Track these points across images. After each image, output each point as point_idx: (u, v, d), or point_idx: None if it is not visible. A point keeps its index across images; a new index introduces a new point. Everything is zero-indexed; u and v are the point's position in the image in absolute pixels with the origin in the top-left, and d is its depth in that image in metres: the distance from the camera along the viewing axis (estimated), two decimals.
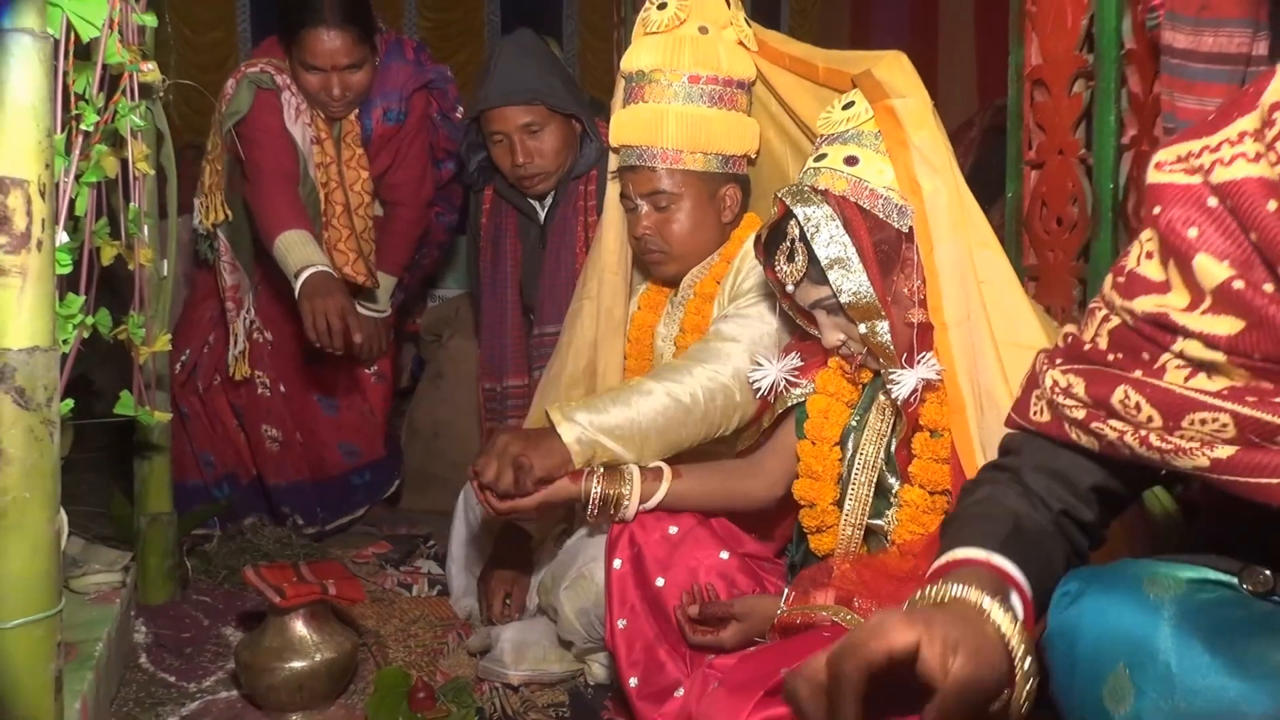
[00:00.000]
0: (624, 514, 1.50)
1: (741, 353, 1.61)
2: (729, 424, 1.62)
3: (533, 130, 2.10)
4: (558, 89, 2.12)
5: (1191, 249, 0.80)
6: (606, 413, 1.54)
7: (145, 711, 1.62)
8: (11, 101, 0.90)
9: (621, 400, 1.56)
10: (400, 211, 2.57)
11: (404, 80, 2.42)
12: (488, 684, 1.71)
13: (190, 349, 2.46)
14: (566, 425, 1.52)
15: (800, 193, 1.43)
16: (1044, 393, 0.95)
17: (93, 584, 1.75)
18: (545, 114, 2.10)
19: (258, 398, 2.46)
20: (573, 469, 1.51)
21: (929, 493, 1.44)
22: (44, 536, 0.97)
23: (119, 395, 1.65)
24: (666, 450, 1.57)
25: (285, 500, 2.48)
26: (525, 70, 2.10)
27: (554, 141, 2.12)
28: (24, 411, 0.94)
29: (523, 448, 1.50)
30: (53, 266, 0.96)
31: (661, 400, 1.56)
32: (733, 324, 1.65)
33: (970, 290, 1.39)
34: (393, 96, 2.41)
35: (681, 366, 1.61)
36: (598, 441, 1.52)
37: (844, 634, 1.29)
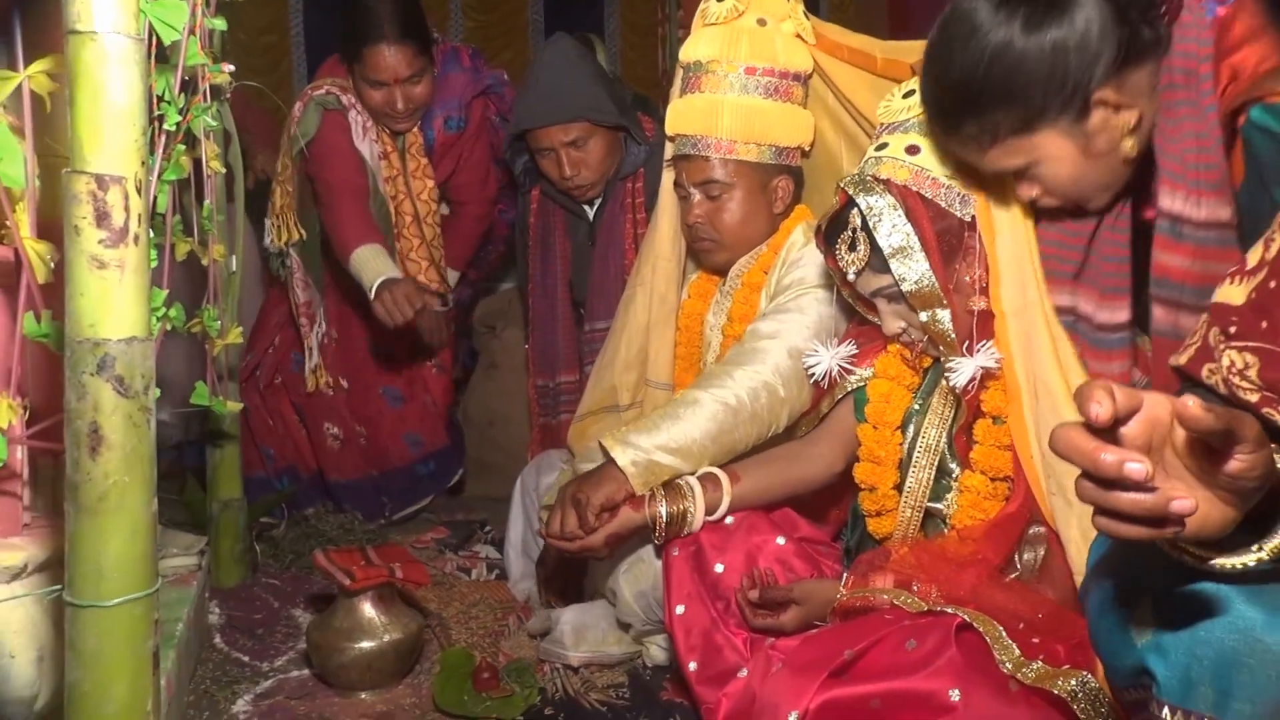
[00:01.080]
0: (691, 527, 1.51)
1: (780, 349, 1.63)
2: (779, 421, 1.64)
3: (577, 144, 2.11)
4: (601, 101, 2.10)
5: None
6: (658, 429, 1.55)
7: (222, 689, 1.68)
8: (111, 101, 0.94)
9: (670, 415, 1.57)
10: (466, 210, 2.63)
11: (462, 88, 2.47)
12: (549, 665, 1.75)
13: (256, 350, 2.55)
14: (620, 449, 1.53)
15: (863, 182, 1.44)
16: (1218, 368, 0.93)
17: (170, 567, 1.82)
18: (589, 128, 2.11)
19: (320, 396, 2.53)
20: (631, 493, 1.52)
21: (990, 479, 1.45)
22: (143, 519, 1.02)
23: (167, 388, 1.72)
24: (723, 456, 1.59)
25: (346, 497, 2.54)
26: (567, 85, 2.09)
27: (599, 152, 2.14)
28: (123, 399, 0.99)
29: (577, 486, 1.54)
30: (148, 260, 1.00)
31: (709, 407, 1.57)
32: (770, 322, 1.67)
33: (1028, 279, 1.39)
34: (452, 105, 2.47)
35: (722, 372, 1.63)
36: (654, 461, 1.53)
37: (903, 616, 1.32)
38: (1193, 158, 1.18)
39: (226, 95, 1.81)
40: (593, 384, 1.98)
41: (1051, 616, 1.33)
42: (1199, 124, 1.17)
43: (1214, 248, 1.18)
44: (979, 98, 1.22)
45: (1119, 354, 1.35)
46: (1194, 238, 1.19)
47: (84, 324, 0.97)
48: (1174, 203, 1.20)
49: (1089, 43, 1.17)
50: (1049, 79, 1.18)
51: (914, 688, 1.25)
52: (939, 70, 1.27)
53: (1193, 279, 1.20)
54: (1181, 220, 1.20)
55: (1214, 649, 0.82)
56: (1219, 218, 1.18)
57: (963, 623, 1.29)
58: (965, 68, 1.22)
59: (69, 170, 0.96)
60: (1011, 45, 1.19)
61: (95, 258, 0.96)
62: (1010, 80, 1.19)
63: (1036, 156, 1.25)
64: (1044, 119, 1.21)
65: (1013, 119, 1.22)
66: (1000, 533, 1.43)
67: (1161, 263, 1.22)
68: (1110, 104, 1.20)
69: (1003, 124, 1.22)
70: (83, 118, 0.95)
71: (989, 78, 1.20)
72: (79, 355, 0.97)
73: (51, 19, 1.13)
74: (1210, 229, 1.19)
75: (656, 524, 1.51)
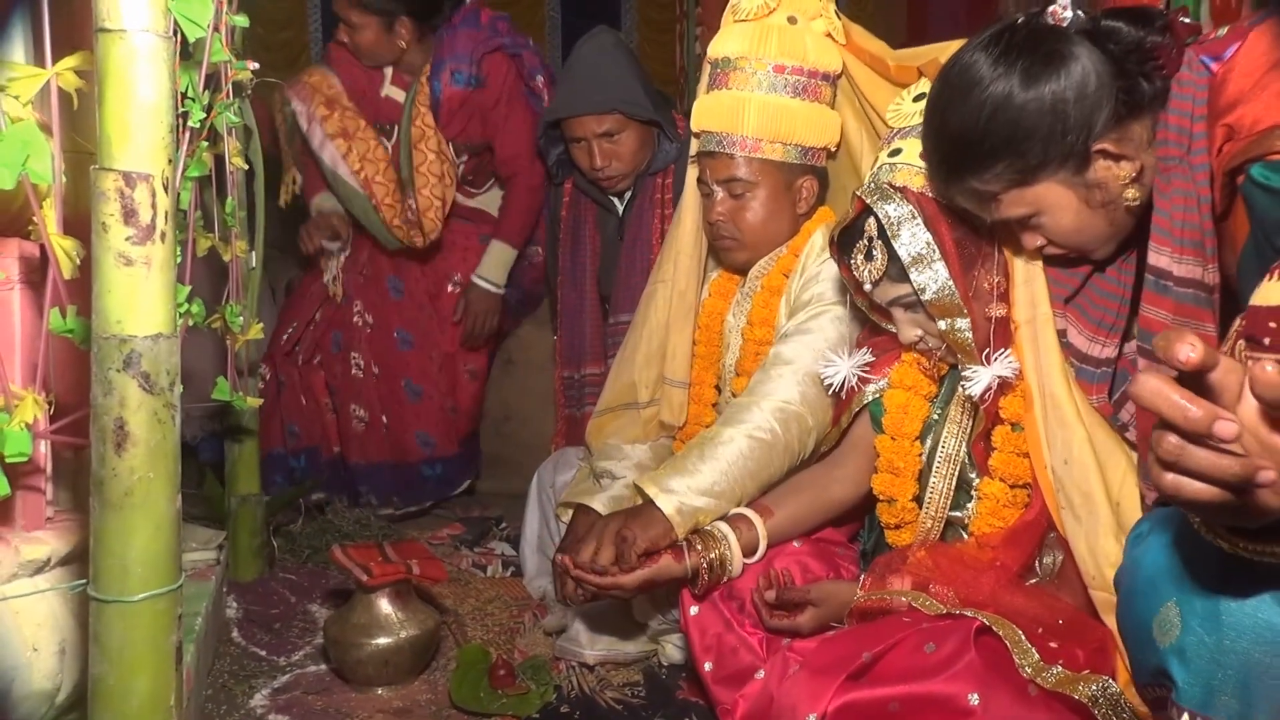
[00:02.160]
0: (731, 574, 1.48)
1: (804, 376, 1.62)
2: (807, 450, 1.63)
3: (610, 135, 2.15)
4: (635, 94, 2.14)
5: None
6: (698, 473, 1.52)
7: (240, 683, 1.69)
8: (139, 99, 0.95)
9: (708, 456, 1.54)
10: (517, 182, 2.59)
11: (473, 45, 2.51)
12: (564, 662, 1.75)
13: (297, 323, 2.61)
14: (665, 497, 1.49)
15: (879, 190, 1.43)
16: None
17: (189, 561, 1.83)
18: (622, 120, 2.14)
19: (351, 378, 2.59)
20: (674, 540, 1.48)
21: (1010, 486, 1.44)
22: (167, 515, 1.02)
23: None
24: (758, 492, 1.57)
25: (363, 480, 2.56)
26: (603, 77, 2.13)
27: (631, 144, 2.17)
28: (149, 396, 0.99)
29: (624, 521, 1.48)
30: (173, 257, 1.01)
31: (744, 444, 1.55)
32: (791, 345, 1.65)
33: (1036, 289, 1.38)
34: (462, 59, 2.50)
35: (749, 404, 1.61)
36: (697, 506, 1.50)
37: (922, 618, 1.32)
38: (1179, 215, 1.19)
39: (248, 91, 1.81)
40: (612, 380, 1.98)
41: (1071, 622, 1.32)
42: (1187, 183, 1.18)
43: (1190, 305, 1.20)
44: (980, 150, 1.23)
45: (1098, 387, 1.36)
46: (1175, 294, 1.21)
47: (111, 320, 0.97)
48: (1160, 259, 1.21)
49: (1087, 94, 1.18)
50: (1050, 131, 1.19)
51: (933, 691, 1.25)
52: (940, 123, 1.28)
53: None
54: (1166, 275, 1.21)
55: (1239, 659, 0.82)
56: (1194, 276, 1.19)
57: (982, 626, 1.28)
58: (966, 121, 1.23)
59: (97, 167, 0.96)
60: (1011, 98, 1.20)
61: (122, 254, 0.97)
62: (1011, 133, 1.21)
63: (1039, 208, 1.26)
64: (1045, 170, 1.22)
65: (1014, 171, 1.23)
66: (1019, 539, 1.42)
67: (1147, 316, 1.24)
68: (1111, 155, 1.21)
69: (1004, 176, 1.24)
70: (111, 115, 0.96)
71: (989, 130, 1.22)
72: (106, 351, 0.98)
73: (80, 16, 1.14)
74: (1188, 286, 1.20)
75: (699, 576, 1.46)
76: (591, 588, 1.47)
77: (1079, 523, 1.33)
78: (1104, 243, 1.31)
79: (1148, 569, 0.93)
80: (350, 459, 2.58)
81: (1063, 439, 1.34)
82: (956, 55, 1.28)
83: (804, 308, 1.70)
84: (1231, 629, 0.82)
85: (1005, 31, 1.24)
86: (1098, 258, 1.34)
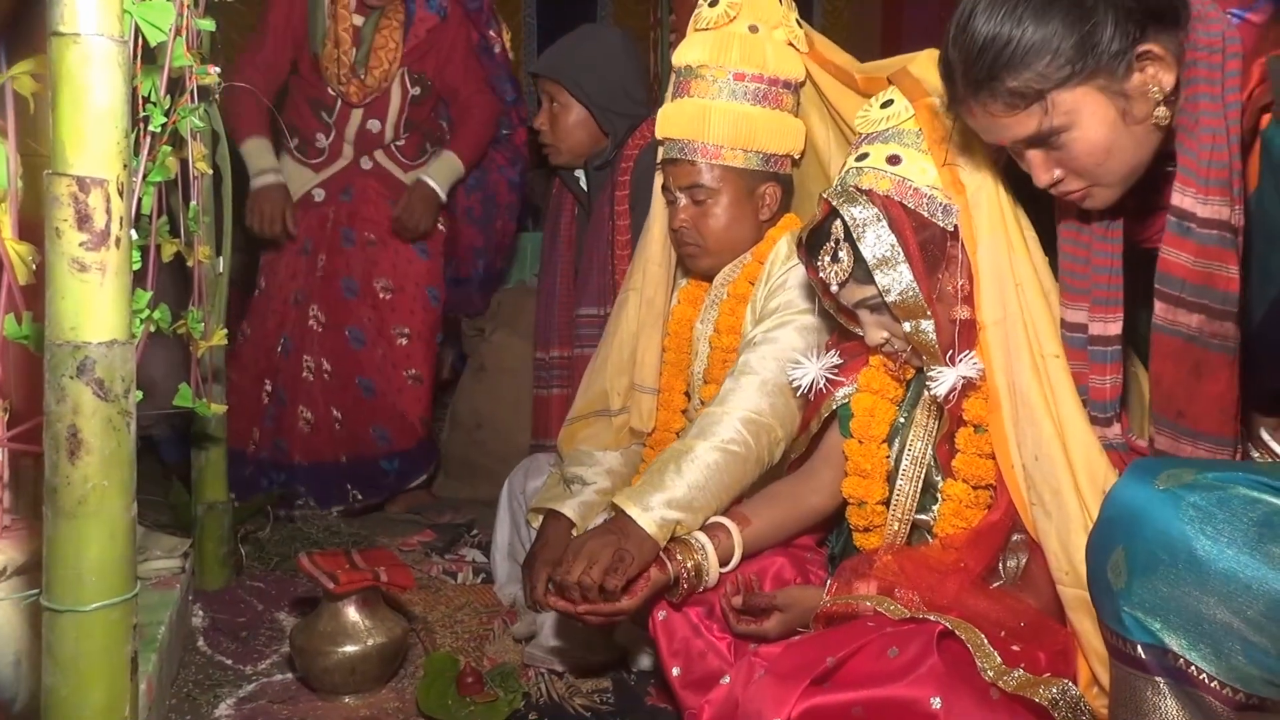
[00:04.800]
0: (707, 583, 1.48)
1: (770, 387, 1.63)
2: (774, 456, 1.64)
3: (553, 100, 2.27)
4: (585, 79, 2.23)
5: None
6: (674, 487, 1.52)
7: (204, 692, 1.67)
8: (93, 103, 0.94)
9: (684, 470, 1.54)
10: (472, 112, 2.74)
11: None
12: (533, 669, 1.74)
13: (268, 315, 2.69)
14: (646, 515, 1.48)
15: (845, 192, 1.44)
16: None
17: (153, 570, 1.81)
18: (564, 94, 2.25)
19: (301, 381, 2.61)
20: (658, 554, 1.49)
21: (972, 487, 1.45)
22: (121, 523, 1.01)
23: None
24: (730, 502, 1.58)
25: (305, 479, 2.57)
26: (570, 49, 2.26)
27: (566, 121, 2.27)
28: (103, 403, 0.98)
29: (617, 539, 1.45)
30: (129, 263, 1.00)
31: (717, 457, 1.56)
32: (759, 353, 1.66)
33: (1007, 291, 1.39)
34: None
35: (719, 415, 1.61)
36: (674, 519, 1.51)
37: (886, 623, 1.32)
38: (1206, 154, 1.17)
39: (215, 96, 1.80)
40: (584, 388, 1.99)
41: (1033, 624, 1.33)
42: (1215, 120, 1.16)
43: (1214, 247, 1.18)
44: (1019, 47, 1.18)
45: (1111, 367, 1.35)
46: (1197, 235, 1.19)
47: (64, 327, 0.96)
48: (1184, 199, 1.19)
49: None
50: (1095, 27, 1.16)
51: (896, 695, 1.25)
52: (974, 23, 1.21)
53: (1194, 277, 1.20)
54: (1189, 217, 1.19)
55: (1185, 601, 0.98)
56: (1221, 216, 1.17)
57: (945, 630, 1.29)
58: (1005, 18, 1.19)
59: (50, 172, 0.95)
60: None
61: (76, 260, 0.96)
62: (1053, 27, 1.17)
63: (1073, 119, 1.21)
64: (1087, 70, 1.18)
65: (1056, 69, 1.18)
66: (983, 541, 1.43)
67: (1167, 259, 1.22)
68: (1156, 57, 1.18)
69: (1047, 76, 1.18)
70: (65, 120, 0.95)
71: (1029, 25, 1.17)
72: (59, 358, 0.97)
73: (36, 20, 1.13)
74: (1212, 227, 1.18)
75: (679, 585, 1.46)
76: (600, 618, 1.45)
77: (1050, 519, 1.34)
78: (1123, 174, 1.26)
79: (1104, 515, 1.06)
80: (293, 459, 2.59)
81: (1032, 436, 1.35)
82: None
83: (770, 315, 1.71)
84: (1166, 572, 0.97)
85: None
86: (1100, 201, 1.29)
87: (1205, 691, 0.98)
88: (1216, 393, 1.21)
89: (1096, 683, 1.27)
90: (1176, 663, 0.99)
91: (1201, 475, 1.01)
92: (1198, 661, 0.98)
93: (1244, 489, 0.98)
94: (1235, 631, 0.95)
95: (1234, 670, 0.96)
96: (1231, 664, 0.96)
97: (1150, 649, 1.01)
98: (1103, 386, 1.34)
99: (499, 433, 2.67)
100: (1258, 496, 0.97)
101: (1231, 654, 0.95)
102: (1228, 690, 0.97)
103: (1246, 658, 0.95)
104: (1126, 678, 1.05)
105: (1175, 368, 1.23)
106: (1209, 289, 1.19)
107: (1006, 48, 1.19)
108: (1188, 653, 0.98)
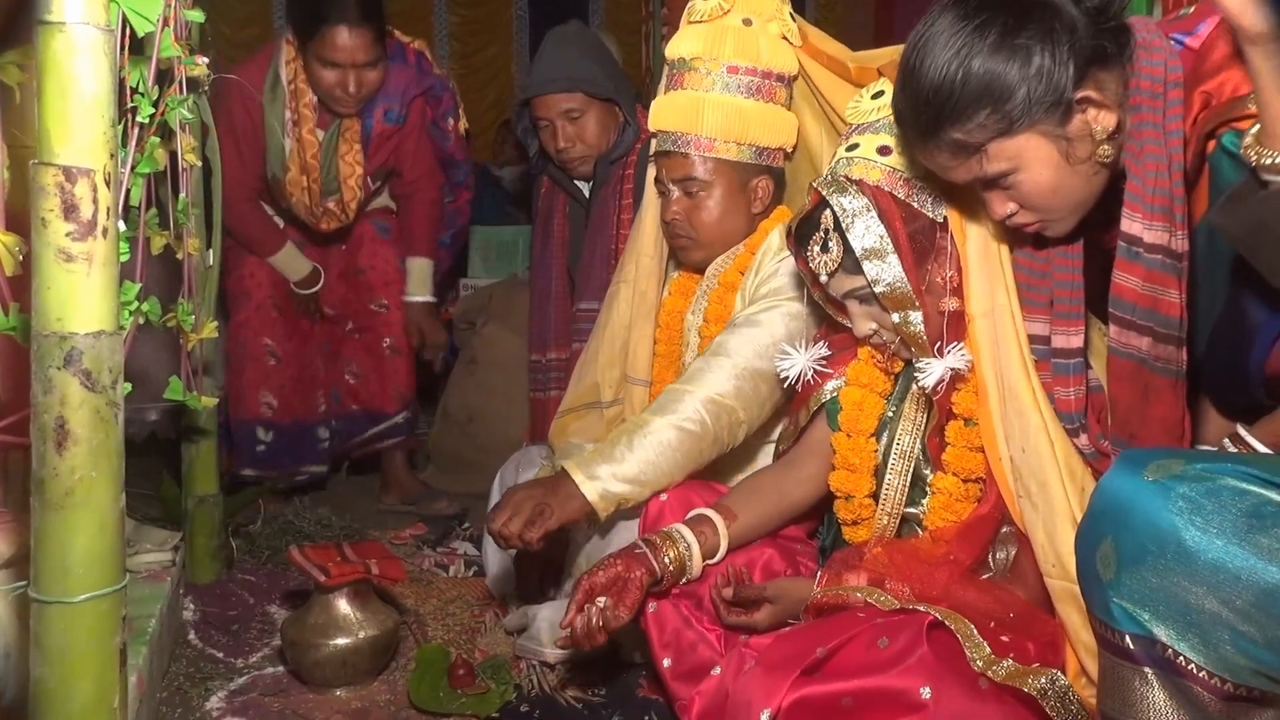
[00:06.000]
0: (690, 574, 1.47)
1: (740, 369, 1.64)
2: (736, 439, 1.65)
3: (573, 116, 2.21)
4: (597, 76, 2.21)
5: None
6: (625, 461, 1.56)
7: (195, 686, 1.67)
8: (79, 93, 0.94)
9: (636, 445, 1.57)
10: (415, 199, 2.71)
11: (406, 84, 2.55)
12: (525, 661, 1.75)
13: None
14: (590, 484, 1.54)
15: (835, 182, 1.44)
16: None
17: (144, 563, 1.81)
18: (584, 100, 2.20)
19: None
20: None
21: (962, 480, 1.45)
22: (110, 514, 1.01)
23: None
24: (683, 479, 1.60)
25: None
26: (566, 58, 2.21)
27: (594, 126, 2.23)
28: (90, 393, 0.98)
29: (543, 495, 1.53)
30: (116, 253, 1.00)
31: (672, 435, 1.58)
32: (737, 336, 1.66)
33: (997, 282, 1.39)
34: (394, 98, 2.54)
35: (681, 393, 1.62)
36: (619, 493, 1.54)
37: (876, 614, 1.33)
38: (1150, 181, 1.21)
39: (204, 88, 1.79)
40: (575, 380, 1.99)
41: (1022, 615, 1.33)
42: (1159, 148, 1.20)
43: (1158, 271, 1.22)
44: (961, 98, 1.22)
45: (1075, 379, 1.36)
46: (1145, 260, 1.22)
47: (51, 318, 0.96)
48: (1132, 225, 1.22)
49: (1066, 39, 1.18)
50: (1033, 76, 1.18)
51: (886, 685, 1.25)
52: (916, 75, 1.25)
53: (1142, 301, 1.24)
54: (1136, 242, 1.23)
55: (1174, 591, 0.97)
56: (1162, 242, 1.21)
57: (934, 621, 1.29)
58: (945, 69, 1.21)
59: (36, 162, 0.95)
60: (990, 43, 1.19)
61: (63, 250, 0.95)
62: (991, 79, 1.20)
63: (1018, 163, 1.25)
64: (1028, 119, 1.21)
65: (997, 119, 1.21)
66: (972, 534, 1.43)
67: (1118, 283, 1.25)
68: (1094, 102, 1.20)
69: (988, 125, 1.22)
70: (51, 109, 0.95)
71: (969, 76, 1.20)
72: (46, 349, 0.96)
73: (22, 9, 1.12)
74: (1156, 252, 1.22)
75: (663, 578, 1.45)
76: (602, 638, 1.44)
77: (1036, 510, 1.34)
78: (1073, 208, 1.29)
79: (1093, 506, 1.05)
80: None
81: (1019, 428, 1.35)
82: (928, 15, 1.26)
83: (757, 300, 1.71)
84: (1155, 563, 0.97)
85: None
86: (1057, 232, 1.33)
87: (1193, 681, 0.98)
88: (1161, 415, 1.26)
89: (1084, 673, 1.27)
90: (1165, 653, 0.99)
91: (1190, 466, 1.01)
92: (1186, 652, 0.97)
93: (1233, 480, 0.98)
94: (1224, 621, 0.95)
95: (1222, 660, 0.96)
96: (1220, 654, 0.96)
97: (1139, 639, 1.01)
98: (1067, 399, 1.35)
99: (490, 426, 2.67)
100: (1246, 487, 0.97)
101: (1220, 644, 0.95)
102: (1216, 680, 0.97)
103: (1235, 648, 0.95)
104: (1115, 668, 1.05)
105: (1129, 390, 1.27)
106: (1155, 313, 1.23)
107: (949, 101, 1.22)
108: (1176, 643, 0.98)
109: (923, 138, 1.28)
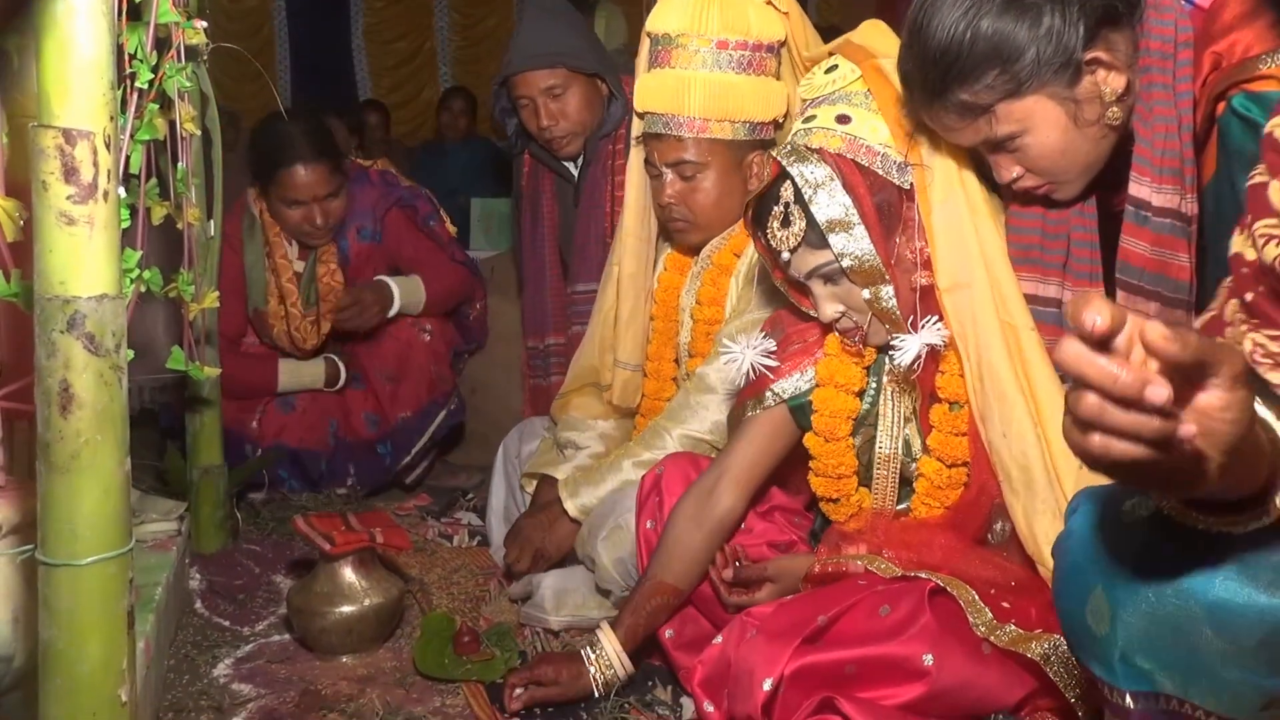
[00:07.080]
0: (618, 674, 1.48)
1: (719, 404, 1.65)
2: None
3: (555, 93, 2.13)
4: (580, 49, 2.13)
5: None
6: (603, 483, 1.76)
7: (202, 653, 1.68)
8: (78, 54, 0.93)
9: (615, 477, 1.75)
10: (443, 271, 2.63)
11: (373, 201, 2.56)
12: (529, 629, 1.76)
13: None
14: (571, 503, 1.78)
15: (795, 151, 1.37)
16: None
17: (150, 532, 1.81)
18: (567, 75, 2.12)
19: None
20: None
21: (946, 465, 1.42)
22: (115, 478, 1.01)
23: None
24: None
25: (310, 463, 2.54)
26: (546, 33, 2.12)
27: (577, 102, 2.15)
28: (94, 357, 0.98)
29: (543, 541, 1.81)
30: (118, 217, 0.99)
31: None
32: (716, 370, 1.66)
33: (971, 256, 1.35)
34: (365, 216, 2.56)
35: (661, 429, 1.71)
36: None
37: (877, 581, 1.32)
38: (1160, 143, 1.19)
39: (204, 57, 1.78)
40: (575, 362, 1.99)
41: (1022, 582, 1.34)
42: (1168, 109, 1.18)
43: (1167, 235, 1.21)
44: (970, 58, 1.20)
45: None
46: (1153, 224, 1.21)
47: (53, 281, 0.96)
48: (1140, 188, 1.21)
49: (1070, 4, 1.17)
50: (1043, 38, 1.17)
51: (888, 653, 1.26)
52: (926, 34, 1.23)
53: (1150, 265, 1.23)
54: (1144, 206, 1.21)
55: (1174, 638, 0.83)
56: (1172, 205, 1.20)
57: (936, 587, 1.30)
58: (953, 29, 1.20)
59: (36, 124, 0.94)
60: (999, 4, 1.18)
61: (64, 214, 0.95)
62: (1000, 39, 1.18)
63: (1026, 125, 1.23)
64: (1037, 80, 1.19)
65: (1005, 79, 1.20)
66: (962, 518, 1.42)
67: (1126, 248, 1.24)
68: (1104, 64, 1.19)
69: (996, 86, 1.21)
70: (50, 71, 0.94)
71: (978, 36, 1.18)
72: (49, 313, 0.96)
73: None
74: (1165, 215, 1.20)
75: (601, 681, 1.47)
76: None
77: (1017, 496, 1.32)
78: (1081, 171, 1.28)
79: (1074, 552, 0.92)
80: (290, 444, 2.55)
81: (1000, 412, 1.32)
82: None
83: (740, 317, 1.69)
84: (1157, 606, 0.83)
85: None
86: (1064, 195, 1.31)
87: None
88: None
89: None
90: (1170, 704, 0.88)
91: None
92: (1194, 699, 0.86)
93: None
94: (1232, 659, 0.82)
95: (1235, 700, 0.84)
96: (1230, 694, 0.84)
97: (1140, 697, 0.88)
98: None
99: (495, 398, 2.66)
100: None
101: (1229, 684, 0.83)
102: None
103: (1241, 685, 0.83)
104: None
105: None
106: (1164, 277, 1.22)
107: (957, 62, 1.21)
108: (1183, 691, 0.86)
109: (929, 99, 1.26)
